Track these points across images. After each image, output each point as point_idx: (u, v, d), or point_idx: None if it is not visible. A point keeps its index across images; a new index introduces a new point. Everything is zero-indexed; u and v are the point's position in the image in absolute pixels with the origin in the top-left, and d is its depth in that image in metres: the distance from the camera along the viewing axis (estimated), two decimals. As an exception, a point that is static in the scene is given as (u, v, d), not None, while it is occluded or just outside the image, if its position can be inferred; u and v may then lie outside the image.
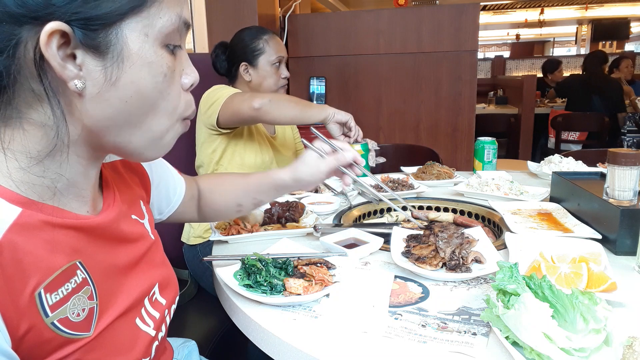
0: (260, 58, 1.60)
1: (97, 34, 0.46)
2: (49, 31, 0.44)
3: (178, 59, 0.54)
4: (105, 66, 0.47)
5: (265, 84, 1.62)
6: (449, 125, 2.75)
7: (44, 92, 0.47)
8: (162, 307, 0.64)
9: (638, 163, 0.94)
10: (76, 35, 0.45)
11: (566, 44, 11.92)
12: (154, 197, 0.79)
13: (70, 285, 0.49)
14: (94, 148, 0.53)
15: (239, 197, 0.94)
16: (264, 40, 1.60)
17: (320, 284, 0.77)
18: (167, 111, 0.54)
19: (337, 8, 5.35)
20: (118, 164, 0.68)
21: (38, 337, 0.45)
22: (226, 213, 0.97)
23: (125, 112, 0.50)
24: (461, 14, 2.61)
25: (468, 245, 0.88)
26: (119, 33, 0.47)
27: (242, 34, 1.64)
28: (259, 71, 1.61)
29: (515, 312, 0.58)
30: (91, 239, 0.53)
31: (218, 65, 1.67)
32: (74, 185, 0.53)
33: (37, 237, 0.47)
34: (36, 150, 0.48)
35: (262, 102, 1.35)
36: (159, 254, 0.69)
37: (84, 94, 0.48)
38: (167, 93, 0.52)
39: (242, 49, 1.61)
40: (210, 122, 1.49)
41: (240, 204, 0.94)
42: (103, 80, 0.48)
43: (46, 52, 0.44)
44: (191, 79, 0.56)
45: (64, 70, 0.46)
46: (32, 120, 0.48)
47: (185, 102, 0.56)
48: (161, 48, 0.50)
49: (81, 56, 0.46)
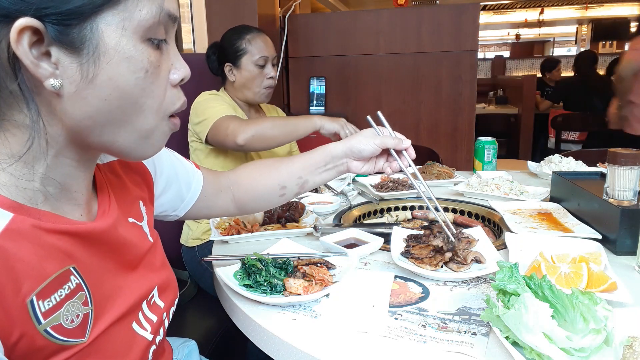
0: (243, 58, 1.58)
1: (70, 29, 0.44)
2: (19, 28, 0.42)
3: (165, 53, 0.51)
4: (81, 63, 0.45)
5: (249, 85, 1.60)
6: (449, 125, 2.75)
7: (19, 92, 0.45)
8: (160, 310, 0.63)
9: (638, 163, 0.94)
10: (48, 31, 0.44)
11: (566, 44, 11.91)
12: (162, 194, 0.77)
13: (63, 292, 0.48)
14: (81, 148, 0.52)
15: (282, 178, 0.88)
16: (246, 40, 1.58)
17: (320, 284, 0.77)
18: (152, 109, 0.51)
19: (337, 8, 5.35)
20: (115, 164, 0.66)
21: (31, 345, 0.44)
22: (269, 199, 0.91)
23: (105, 110, 0.48)
24: (461, 14, 2.61)
25: (468, 245, 0.88)
26: (94, 27, 0.45)
27: (227, 34, 1.63)
28: (242, 72, 1.59)
29: (515, 312, 0.58)
30: (86, 244, 0.52)
31: (210, 65, 1.67)
32: (66, 188, 0.52)
33: (29, 243, 0.45)
34: (19, 152, 0.47)
35: (245, 138, 1.35)
36: (158, 256, 0.68)
37: (61, 93, 0.46)
38: (150, 90, 0.50)
39: (226, 49, 1.60)
40: (199, 136, 1.51)
41: (284, 185, 0.88)
42: (80, 78, 0.46)
43: (17, 49, 0.43)
44: (181, 73, 0.53)
45: (38, 68, 0.44)
46: (14, 122, 0.47)
47: (172, 96, 0.53)
48: (142, 42, 0.48)
49: (56, 53, 0.45)
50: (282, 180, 0.88)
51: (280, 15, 2.77)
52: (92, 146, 0.52)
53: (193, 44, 3.03)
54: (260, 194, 0.90)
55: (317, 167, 0.87)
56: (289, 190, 0.89)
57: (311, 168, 0.87)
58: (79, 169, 0.53)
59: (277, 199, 0.91)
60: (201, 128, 1.46)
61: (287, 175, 0.88)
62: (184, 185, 0.81)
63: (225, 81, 1.65)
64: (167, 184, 0.78)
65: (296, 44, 2.82)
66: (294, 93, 2.89)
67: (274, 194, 0.89)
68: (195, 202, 0.83)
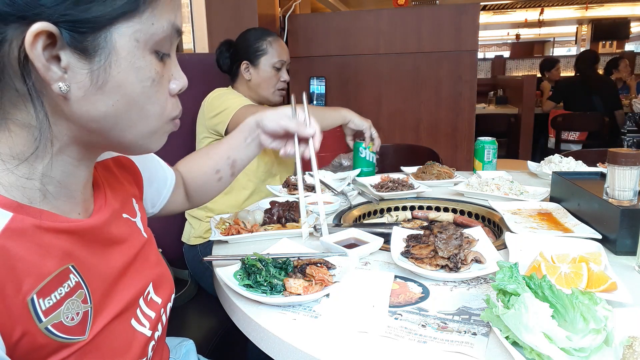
0: (262, 58, 1.62)
1: (85, 36, 0.45)
2: (35, 31, 0.43)
3: (167, 66, 0.54)
4: (92, 69, 0.47)
5: (264, 85, 1.64)
6: (449, 125, 2.75)
7: (27, 93, 0.46)
8: (157, 306, 0.64)
9: (638, 163, 0.94)
10: (63, 37, 0.44)
11: (566, 44, 11.92)
12: (147, 192, 0.79)
13: (63, 290, 0.48)
14: (85, 147, 0.53)
15: (215, 162, 0.92)
16: (267, 41, 1.62)
17: (320, 284, 0.77)
18: (156, 114, 0.54)
19: (337, 8, 5.35)
20: (110, 162, 0.68)
21: (32, 343, 0.45)
22: (209, 186, 0.95)
23: (112, 114, 0.50)
24: (461, 14, 2.61)
25: (468, 245, 0.88)
26: (108, 37, 0.46)
27: (248, 33, 1.66)
28: (259, 71, 1.63)
29: (515, 312, 0.58)
30: (83, 242, 0.53)
31: (221, 62, 1.68)
32: (65, 187, 0.53)
33: (28, 242, 0.46)
34: (21, 151, 0.48)
35: None
36: (152, 252, 0.69)
37: (68, 96, 0.47)
38: (155, 98, 0.52)
39: (246, 47, 1.63)
40: (216, 130, 1.50)
41: (218, 169, 0.92)
42: (89, 84, 0.47)
43: (31, 52, 0.44)
44: (179, 84, 0.56)
45: (48, 72, 0.45)
46: (18, 121, 0.48)
47: (172, 104, 0.56)
48: (150, 54, 0.50)
49: (66, 58, 0.46)
50: (215, 164, 0.92)
51: (280, 15, 2.77)
52: (97, 145, 0.54)
53: (193, 44, 3.02)
54: (200, 183, 0.94)
55: (239, 143, 0.91)
56: (224, 172, 0.93)
57: (235, 145, 0.91)
58: (79, 167, 0.54)
59: (216, 184, 0.95)
60: (220, 119, 1.47)
61: (217, 158, 0.92)
62: (161, 182, 0.84)
63: (235, 79, 1.67)
64: (149, 180, 0.80)
65: (296, 44, 2.82)
66: (294, 93, 2.88)
67: (212, 180, 0.93)
68: (169, 198, 0.86)
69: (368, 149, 1.61)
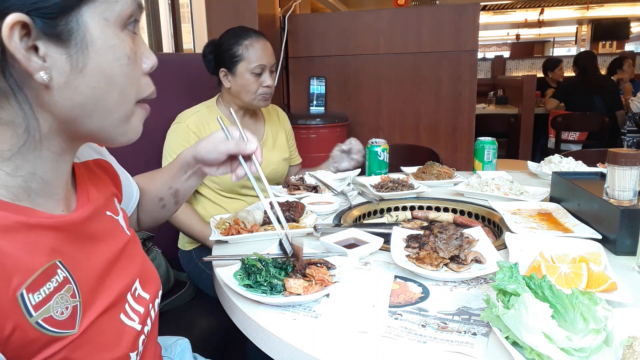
0: (239, 65, 1.50)
1: (57, 22, 0.46)
2: (10, 23, 0.44)
3: (137, 44, 0.55)
4: (70, 54, 0.48)
5: (244, 92, 1.53)
6: (449, 125, 2.75)
7: (9, 89, 0.47)
8: (145, 301, 0.65)
9: (638, 163, 0.94)
10: (36, 25, 0.45)
11: (566, 44, 11.92)
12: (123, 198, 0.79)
13: (52, 285, 0.49)
14: (68, 138, 0.54)
15: (158, 190, 0.90)
16: (243, 46, 1.50)
17: (320, 284, 0.77)
18: (132, 94, 0.55)
19: (337, 8, 5.35)
20: (90, 164, 0.69)
21: (23, 337, 0.45)
22: (153, 212, 0.92)
23: (94, 97, 0.51)
24: (461, 14, 2.62)
25: (468, 245, 0.88)
26: (79, 20, 0.48)
27: (225, 36, 1.56)
28: (237, 79, 1.52)
29: (515, 312, 0.58)
30: (69, 237, 0.54)
31: (206, 65, 1.59)
32: (47, 183, 0.54)
33: (14, 239, 0.47)
34: (6, 150, 0.48)
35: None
36: (137, 249, 0.69)
37: (50, 85, 0.48)
38: (132, 76, 0.54)
39: (222, 53, 1.53)
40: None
41: (161, 197, 0.90)
42: (70, 69, 0.48)
43: (10, 45, 0.44)
44: (150, 62, 0.57)
45: (29, 62, 0.46)
46: (1, 120, 0.48)
47: (145, 82, 0.58)
48: (121, 31, 0.52)
49: (44, 47, 0.47)
50: (158, 192, 0.91)
51: (280, 15, 2.77)
52: (79, 135, 0.55)
53: (193, 44, 3.03)
54: (146, 208, 0.91)
55: (179, 175, 0.89)
56: (167, 201, 0.91)
57: (176, 177, 0.89)
58: (59, 162, 0.55)
59: (160, 212, 0.92)
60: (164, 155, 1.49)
61: (160, 186, 0.90)
62: (129, 195, 0.84)
63: (220, 84, 1.58)
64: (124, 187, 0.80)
65: (296, 44, 2.82)
66: (294, 93, 2.89)
67: (156, 207, 0.91)
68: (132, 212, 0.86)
69: (385, 150, 1.60)
